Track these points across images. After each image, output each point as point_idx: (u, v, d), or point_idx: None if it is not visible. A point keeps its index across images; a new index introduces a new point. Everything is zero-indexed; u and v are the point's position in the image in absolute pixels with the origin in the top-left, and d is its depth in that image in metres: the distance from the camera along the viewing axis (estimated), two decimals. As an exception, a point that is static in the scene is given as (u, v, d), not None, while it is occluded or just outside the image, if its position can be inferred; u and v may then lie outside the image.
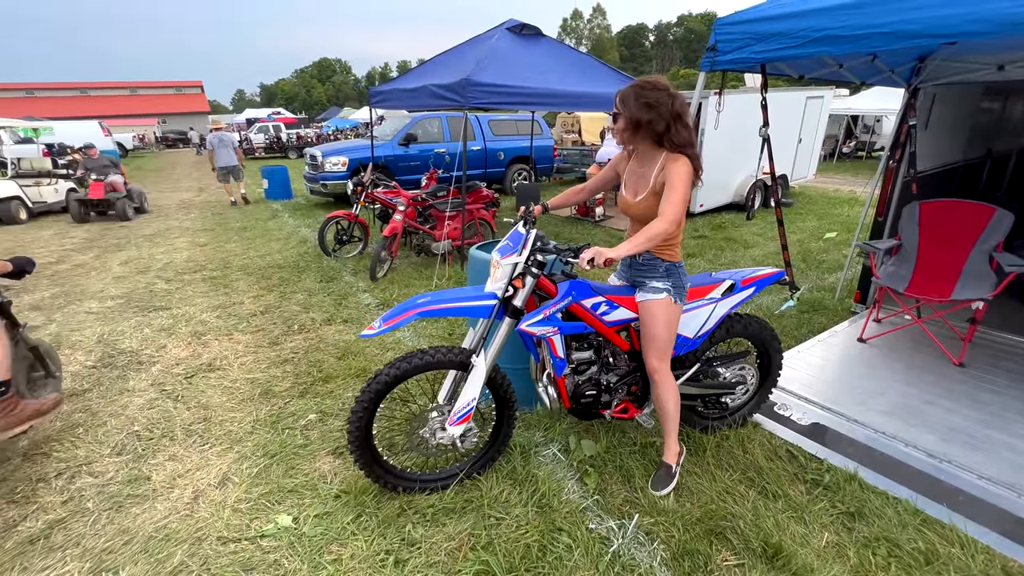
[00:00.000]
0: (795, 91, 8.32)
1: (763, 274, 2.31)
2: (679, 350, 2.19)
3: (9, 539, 1.94)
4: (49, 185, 9.19)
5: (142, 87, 49.54)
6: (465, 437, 2.09)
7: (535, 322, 1.97)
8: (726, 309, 2.22)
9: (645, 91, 1.79)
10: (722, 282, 2.21)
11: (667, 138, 1.81)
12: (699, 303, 2.17)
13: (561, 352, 2.05)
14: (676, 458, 2.17)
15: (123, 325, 4.03)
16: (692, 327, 2.18)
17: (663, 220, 1.75)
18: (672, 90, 1.80)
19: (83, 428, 2.66)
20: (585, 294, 2.01)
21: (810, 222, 7.64)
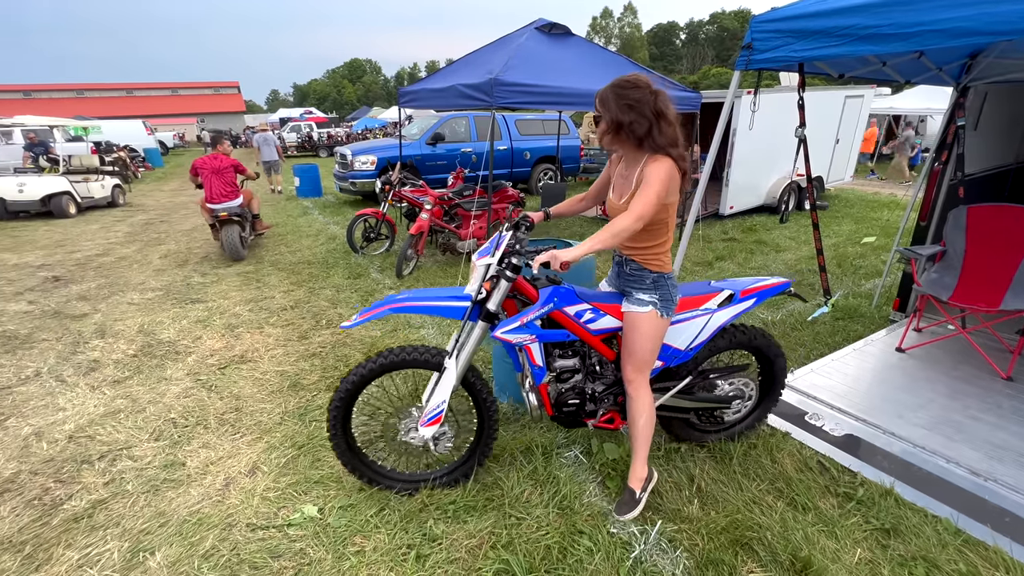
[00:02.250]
0: (833, 90, 8.03)
1: (766, 285, 2.18)
2: (669, 362, 2.10)
3: (56, 516, 2.06)
4: (96, 181, 9.66)
5: (182, 87, 51.53)
6: (439, 440, 2.07)
7: (511, 329, 1.90)
8: (722, 321, 2.09)
9: (625, 92, 1.69)
10: (720, 292, 2.10)
11: (650, 139, 1.69)
12: (692, 314, 2.06)
13: (540, 360, 1.97)
14: (641, 483, 2.00)
15: (162, 316, 4.20)
16: (684, 339, 2.07)
17: (628, 216, 1.63)
18: (654, 87, 1.70)
19: (124, 414, 2.79)
20: (569, 301, 1.94)
21: (846, 226, 7.37)
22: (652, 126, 1.67)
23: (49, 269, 5.62)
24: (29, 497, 2.16)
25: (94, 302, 4.56)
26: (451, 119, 9.56)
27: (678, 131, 1.71)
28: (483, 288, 1.88)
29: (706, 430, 2.42)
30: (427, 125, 9.59)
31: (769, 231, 7.01)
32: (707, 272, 5.24)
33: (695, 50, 71.55)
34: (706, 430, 2.42)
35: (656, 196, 1.65)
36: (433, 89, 5.69)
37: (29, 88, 44.38)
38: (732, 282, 2.18)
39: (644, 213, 1.64)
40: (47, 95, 43.07)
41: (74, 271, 5.57)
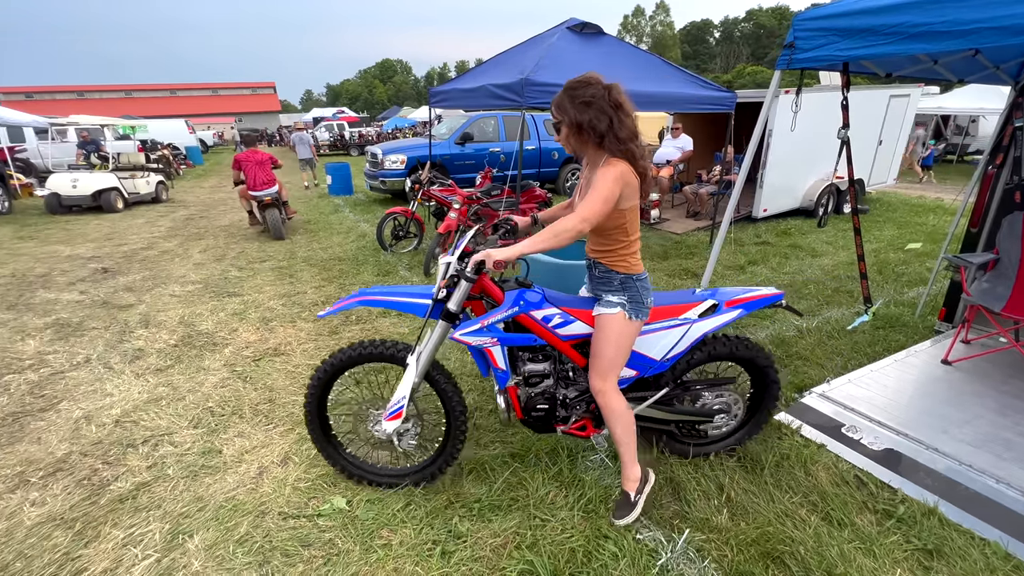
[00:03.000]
0: (877, 89, 7.71)
1: (756, 295, 2.08)
2: (643, 372, 2.04)
3: (103, 496, 2.17)
4: (142, 178, 10.12)
5: (222, 88, 53.47)
6: (403, 436, 2.09)
7: (470, 331, 1.88)
8: (702, 331, 2.02)
9: (579, 90, 1.66)
10: (702, 302, 2.03)
11: (612, 134, 1.64)
12: (670, 323, 1.99)
13: (502, 364, 1.94)
14: (635, 485, 1.97)
15: (201, 308, 4.37)
16: (660, 348, 2.01)
17: (572, 218, 1.62)
18: (606, 82, 1.67)
19: (166, 401, 2.92)
20: (536, 305, 1.90)
21: (888, 231, 7.07)
22: (612, 119, 1.64)
23: (98, 261, 5.92)
24: (79, 477, 2.29)
25: (139, 293, 4.78)
26: (480, 119, 9.61)
27: (636, 122, 1.68)
28: (442, 287, 1.87)
29: (689, 443, 2.32)
30: (456, 125, 9.67)
31: (805, 235, 6.78)
32: (739, 276, 5.11)
33: (729, 48, 69.83)
34: (689, 443, 2.32)
35: (602, 200, 1.62)
36: (464, 89, 5.74)
37: (82, 89, 46.87)
38: (718, 291, 2.09)
39: (587, 216, 1.62)
40: (98, 95, 45.38)
41: (121, 263, 5.85)
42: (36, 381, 3.15)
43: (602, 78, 1.68)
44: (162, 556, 1.86)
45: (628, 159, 1.66)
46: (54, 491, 2.20)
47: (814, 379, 3.04)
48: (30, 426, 2.69)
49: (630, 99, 1.68)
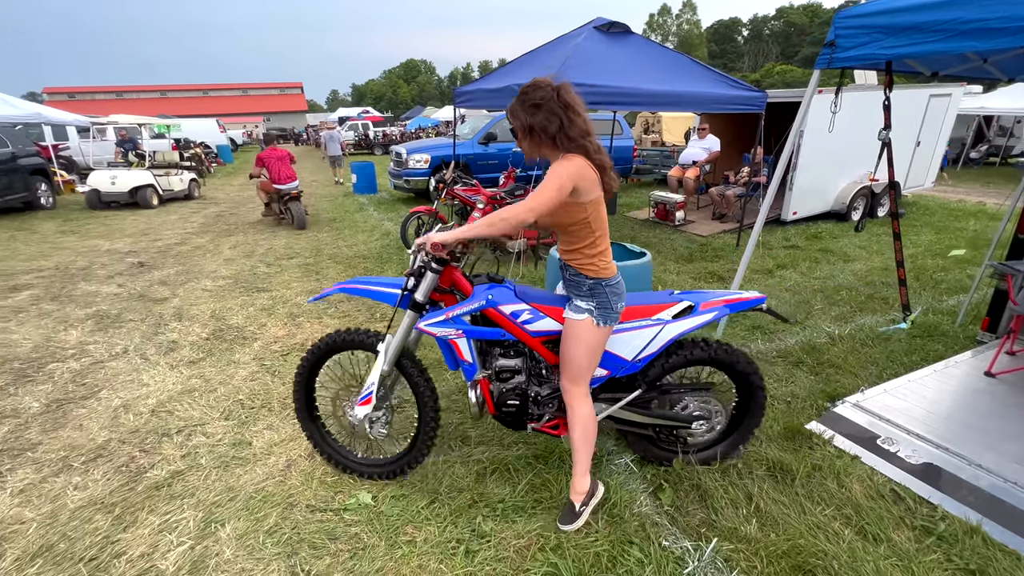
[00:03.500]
0: (916, 88, 7.43)
1: (735, 299, 2.03)
2: (614, 372, 2.02)
3: (141, 483, 2.24)
4: (176, 175, 10.45)
5: (252, 88, 54.87)
6: (374, 424, 2.15)
7: (435, 322, 1.93)
8: (675, 333, 1.98)
9: (529, 94, 1.67)
10: (678, 303, 1.99)
11: (563, 134, 1.65)
12: (642, 323, 1.96)
13: (468, 357, 1.97)
14: (581, 498, 1.93)
15: (231, 303, 4.49)
16: (631, 349, 1.98)
17: (519, 205, 1.63)
18: (555, 84, 1.67)
19: (198, 393, 3.00)
20: (505, 300, 1.91)
21: (925, 236, 6.80)
22: (562, 120, 1.65)
23: (135, 255, 6.14)
24: (118, 464, 2.37)
25: (173, 287, 4.93)
26: (503, 119, 9.61)
27: (588, 122, 1.69)
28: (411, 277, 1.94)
29: (670, 450, 2.26)
30: (479, 125, 9.70)
31: (836, 239, 6.59)
32: (767, 281, 4.99)
33: (758, 47, 68.30)
34: (670, 450, 2.26)
35: (554, 189, 1.61)
36: (489, 89, 5.75)
37: (120, 89, 48.71)
38: (697, 293, 2.06)
39: (534, 205, 1.61)
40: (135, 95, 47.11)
41: (156, 258, 6.05)
42: (78, 370, 3.28)
43: (552, 81, 1.69)
44: (196, 543, 1.92)
45: (583, 155, 1.67)
46: (95, 476, 2.29)
47: (847, 388, 2.95)
48: (72, 413, 2.80)
49: (580, 97, 1.71)
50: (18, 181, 8.69)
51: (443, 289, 2.00)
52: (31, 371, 3.27)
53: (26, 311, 4.29)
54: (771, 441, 2.46)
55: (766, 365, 3.25)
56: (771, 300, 2.13)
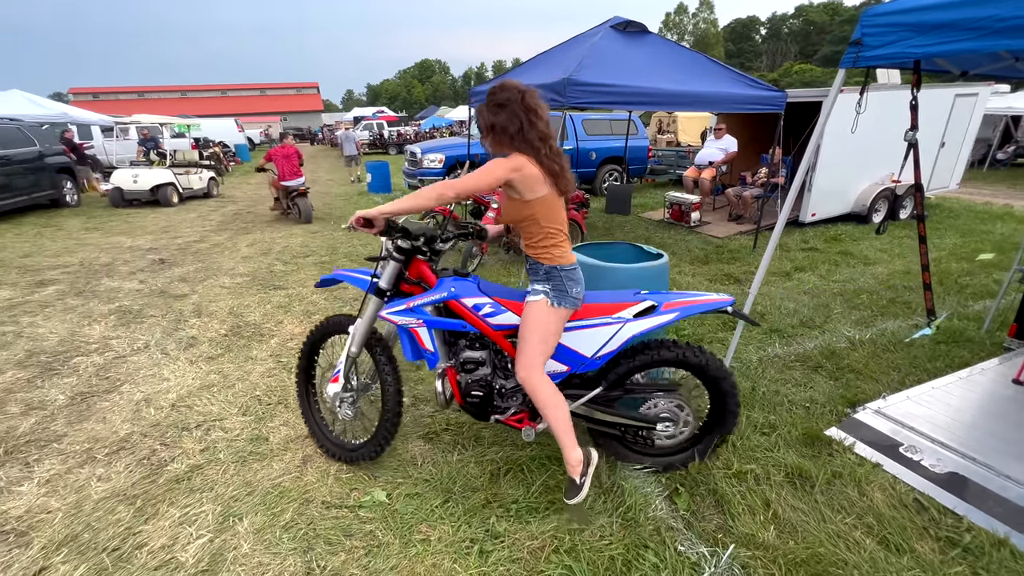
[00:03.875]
0: (941, 88, 7.24)
1: (701, 300, 2.00)
2: (574, 368, 2.03)
3: (161, 476, 2.29)
4: (195, 174, 10.64)
5: (269, 88, 55.64)
6: (342, 403, 2.24)
7: (396, 311, 2.03)
8: (635, 332, 1.96)
9: (496, 95, 1.79)
10: (640, 302, 1.98)
11: (521, 135, 1.76)
12: (602, 320, 1.97)
13: (430, 346, 2.06)
14: (579, 468, 1.93)
15: (249, 300, 4.55)
16: (591, 346, 1.99)
17: (443, 184, 1.75)
18: (522, 88, 1.78)
19: (217, 388, 3.05)
20: (468, 293, 1.98)
21: (950, 239, 6.63)
22: (523, 123, 1.75)
23: (156, 252, 6.27)
24: (140, 456, 2.42)
25: (192, 284, 5.02)
26: (518, 118, 9.61)
27: (548, 126, 1.80)
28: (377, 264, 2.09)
29: (639, 452, 2.25)
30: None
31: (856, 241, 6.46)
32: (785, 284, 4.91)
33: (776, 46, 67.27)
34: (639, 452, 2.25)
35: (483, 173, 1.73)
36: (504, 89, 5.74)
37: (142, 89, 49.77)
38: (663, 294, 2.05)
39: (455, 184, 1.74)
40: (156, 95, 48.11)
41: (176, 255, 6.17)
42: (101, 364, 3.36)
43: (520, 84, 1.80)
44: (214, 536, 1.95)
45: (534, 157, 1.77)
46: (117, 468, 2.34)
47: (868, 394, 2.89)
48: (96, 406, 2.87)
49: (544, 104, 1.82)
50: (45, 179, 8.93)
51: (412, 281, 2.10)
52: (57, 364, 3.35)
53: (52, 306, 4.41)
54: (789, 447, 2.42)
55: (784, 369, 3.20)
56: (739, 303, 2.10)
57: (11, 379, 3.15)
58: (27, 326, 3.96)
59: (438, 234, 2.08)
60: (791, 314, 4.10)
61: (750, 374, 3.13)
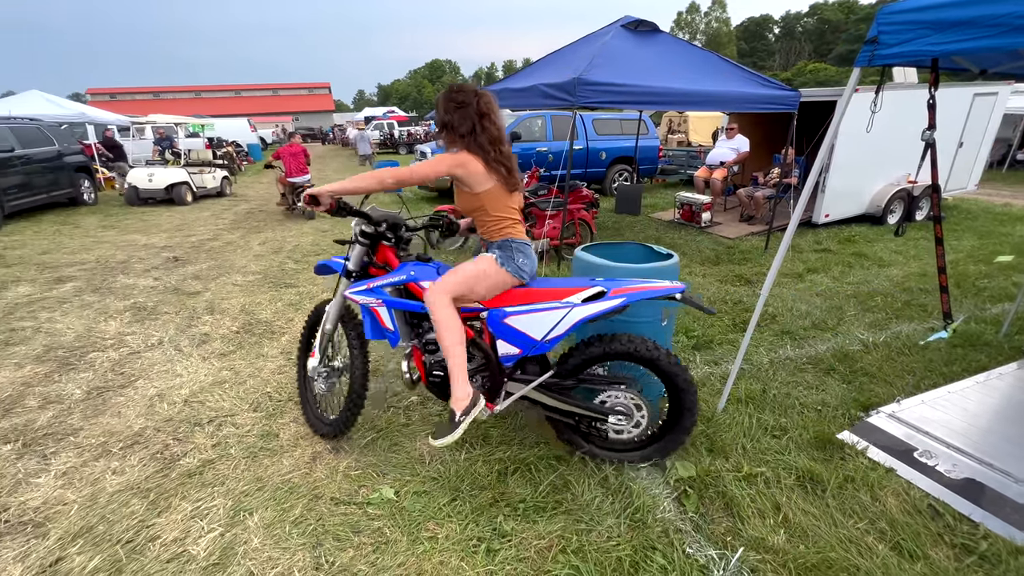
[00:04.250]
0: (959, 87, 7.11)
1: (648, 287, 2.01)
2: (527, 350, 2.08)
3: (174, 470, 2.32)
4: (209, 173, 10.79)
5: (281, 88, 56.19)
6: (318, 379, 2.41)
7: (358, 291, 2.17)
8: (582, 316, 1.99)
9: (454, 95, 1.94)
10: (589, 287, 2.01)
11: (473, 136, 1.91)
12: (552, 304, 2.01)
13: (390, 325, 2.16)
14: (463, 404, 1.93)
15: (260, 298, 4.60)
16: (541, 328, 2.03)
17: (387, 170, 1.93)
18: (479, 91, 1.95)
19: (228, 384, 3.09)
20: (426, 276, 2.09)
21: (967, 241, 6.51)
22: (475, 125, 1.91)
23: (170, 250, 6.37)
24: (153, 451, 2.46)
25: (205, 281, 5.09)
26: (527, 118, 9.61)
27: (501, 130, 1.95)
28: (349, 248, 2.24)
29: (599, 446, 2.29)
30: (503, 124, 9.70)
31: (871, 243, 6.36)
32: (797, 285, 4.86)
33: (790, 45, 66.46)
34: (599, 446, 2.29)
35: (426, 170, 1.93)
36: (514, 89, 5.74)
37: (158, 90, 50.55)
38: (615, 281, 2.06)
39: (396, 172, 1.91)
40: (172, 96, 48.81)
41: (190, 253, 6.26)
42: (117, 359, 3.42)
43: (476, 89, 1.97)
44: (225, 530, 1.97)
45: (481, 157, 1.92)
46: (132, 462, 2.38)
47: (881, 398, 2.84)
48: (111, 401, 2.92)
49: (498, 110, 1.97)
50: (63, 178, 9.11)
51: (379, 265, 2.25)
52: (74, 359, 3.42)
53: (70, 302, 4.49)
54: (800, 450, 2.39)
55: (796, 372, 3.16)
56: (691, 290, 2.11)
57: (30, 373, 3.22)
58: (45, 322, 4.05)
59: (402, 221, 2.22)
60: (803, 316, 4.05)
61: (761, 376, 3.10)
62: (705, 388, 2.94)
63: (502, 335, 2.09)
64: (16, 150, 7.98)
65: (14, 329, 3.89)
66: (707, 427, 2.53)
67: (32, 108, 10.88)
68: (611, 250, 2.76)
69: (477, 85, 2.00)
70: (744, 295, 4.52)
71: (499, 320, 2.07)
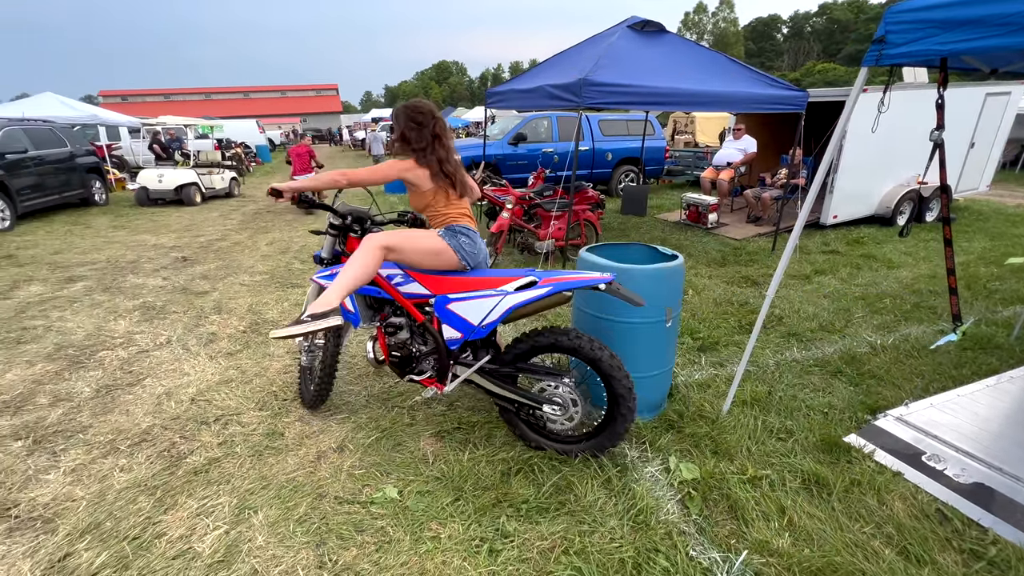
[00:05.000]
0: (971, 86, 7.03)
1: (575, 277, 2.09)
2: (467, 335, 2.21)
3: (181, 468, 2.34)
4: (217, 174, 10.89)
5: (289, 90, 56.58)
6: (302, 353, 2.71)
7: (323, 276, 2.37)
8: (513, 303, 2.10)
9: (414, 114, 2.23)
10: (522, 277, 2.14)
11: (422, 152, 2.20)
12: (487, 292, 2.15)
13: (351, 307, 2.34)
14: (318, 310, 1.96)
15: (267, 297, 4.64)
16: (477, 315, 2.16)
17: (340, 172, 2.13)
18: (436, 115, 2.24)
19: (235, 383, 3.12)
20: (383, 265, 2.24)
21: (978, 243, 6.43)
22: (428, 145, 2.21)
23: (179, 250, 6.43)
24: (160, 448, 2.49)
25: (213, 281, 5.14)
26: (533, 119, 9.61)
27: (450, 151, 2.25)
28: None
29: (536, 433, 2.40)
30: (509, 125, 9.72)
31: (880, 244, 6.30)
32: (804, 287, 4.82)
33: (798, 45, 66.02)
34: (536, 433, 2.40)
35: (376, 175, 2.17)
36: (520, 90, 5.75)
37: (168, 92, 51.09)
38: (547, 272, 2.16)
39: (349, 173, 2.13)
40: (182, 98, 49.32)
41: (198, 253, 6.32)
42: (126, 358, 3.46)
43: (434, 111, 2.26)
44: (230, 528, 1.99)
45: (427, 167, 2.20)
46: (139, 460, 2.41)
47: (889, 401, 2.81)
48: (120, 399, 2.95)
49: (450, 133, 2.28)
50: (75, 179, 9.24)
51: (348, 254, 2.41)
52: (83, 358, 3.46)
53: (80, 301, 4.55)
54: (806, 453, 2.37)
55: (802, 374, 3.13)
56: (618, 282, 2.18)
57: (40, 371, 3.27)
58: (56, 320, 4.10)
59: (368, 215, 2.42)
60: (810, 318, 4.02)
61: (767, 378, 3.08)
62: (710, 390, 2.92)
63: (446, 320, 2.25)
64: (29, 151, 8.10)
65: (26, 328, 3.95)
66: (712, 429, 2.52)
67: (46, 110, 11.03)
68: (616, 251, 2.75)
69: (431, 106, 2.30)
70: (750, 296, 4.49)
71: (443, 306, 2.24)
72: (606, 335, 2.46)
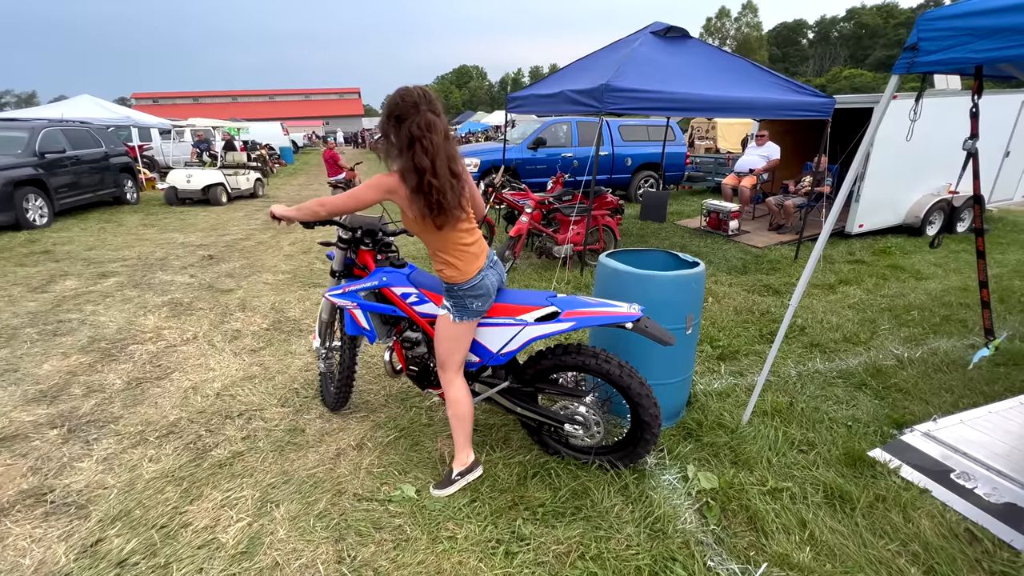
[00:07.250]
0: (1006, 94, 6.81)
1: (601, 312, 1.98)
2: (486, 360, 2.18)
3: (206, 460, 2.41)
4: (243, 175, 11.17)
5: (313, 93, 57.77)
6: (319, 359, 2.73)
7: (335, 294, 2.36)
8: (533, 335, 2.06)
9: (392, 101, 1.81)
10: (543, 307, 2.05)
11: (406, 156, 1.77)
12: (506, 321, 2.09)
13: (366, 324, 2.33)
14: (462, 467, 2.16)
15: (289, 296, 4.74)
16: (496, 342, 2.13)
17: (317, 201, 1.91)
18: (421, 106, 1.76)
19: (258, 379, 3.19)
20: (397, 283, 2.24)
21: (1013, 255, 6.21)
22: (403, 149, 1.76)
23: (206, 249, 6.61)
24: (187, 441, 2.56)
25: (238, 279, 5.27)
26: (553, 124, 9.63)
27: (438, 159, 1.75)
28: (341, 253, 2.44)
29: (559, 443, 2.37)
30: (529, 130, 9.75)
31: (908, 255, 6.13)
32: (828, 297, 4.72)
33: (824, 50, 64.81)
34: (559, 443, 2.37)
35: (351, 201, 1.87)
36: (541, 95, 5.78)
37: (197, 95, 52.63)
38: (570, 300, 2.05)
39: (325, 202, 1.90)
40: (210, 100, 50.74)
41: (224, 251, 6.49)
42: (154, 352, 3.57)
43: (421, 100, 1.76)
44: (253, 520, 2.04)
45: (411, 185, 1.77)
46: (167, 451, 2.48)
47: (916, 416, 2.74)
48: (149, 391, 3.05)
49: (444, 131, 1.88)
50: (109, 178, 9.58)
51: (362, 267, 2.41)
52: (115, 351, 3.59)
53: (112, 296, 4.72)
54: (829, 466, 2.32)
55: (825, 386, 3.07)
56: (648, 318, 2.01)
57: (75, 363, 3.39)
58: (90, 314, 4.26)
59: (378, 227, 2.38)
60: (834, 328, 3.94)
61: (788, 389, 3.03)
62: (730, 399, 2.89)
63: None
64: (67, 151, 8.43)
65: (61, 320, 4.10)
66: (731, 439, 2.49)
67: (83, 111, 11.49)
68: (635, 257, 2.75)
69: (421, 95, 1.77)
70: (772, 305, 4.42)
71: None
72: (623, 341, 2.45)
